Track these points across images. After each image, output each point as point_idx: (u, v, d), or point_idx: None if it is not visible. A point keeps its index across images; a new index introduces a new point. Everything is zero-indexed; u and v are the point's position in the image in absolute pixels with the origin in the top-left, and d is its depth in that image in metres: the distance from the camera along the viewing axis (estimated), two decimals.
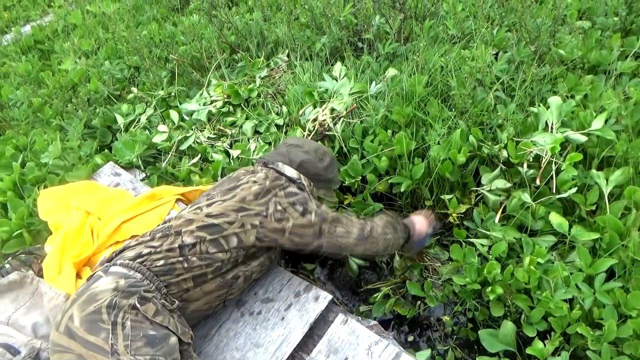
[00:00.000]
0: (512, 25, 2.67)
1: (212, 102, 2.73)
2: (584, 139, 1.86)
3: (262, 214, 1.54)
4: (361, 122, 2.30)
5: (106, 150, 2.62)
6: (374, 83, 2.44)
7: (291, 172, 1.74)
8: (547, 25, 2.50)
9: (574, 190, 1.77)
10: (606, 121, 1.94)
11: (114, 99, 3.09)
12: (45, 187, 2.30)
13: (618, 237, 1.62)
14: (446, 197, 2.02)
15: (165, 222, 1.62)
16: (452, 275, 1.80)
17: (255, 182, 1.63)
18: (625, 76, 2.28)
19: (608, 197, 1.75)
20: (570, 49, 2.39)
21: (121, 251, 1.51)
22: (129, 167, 2.49)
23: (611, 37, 2.47)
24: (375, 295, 1.94)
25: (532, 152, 1.88)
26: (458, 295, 1.83)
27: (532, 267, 1.60)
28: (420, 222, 1.86)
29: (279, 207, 1.56)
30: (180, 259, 1.45)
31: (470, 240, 1.89)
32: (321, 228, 1.58)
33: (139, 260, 1.43)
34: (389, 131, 2.19)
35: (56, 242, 1.89)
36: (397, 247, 1.78)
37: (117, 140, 2.70)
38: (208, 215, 1.54)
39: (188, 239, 1.48)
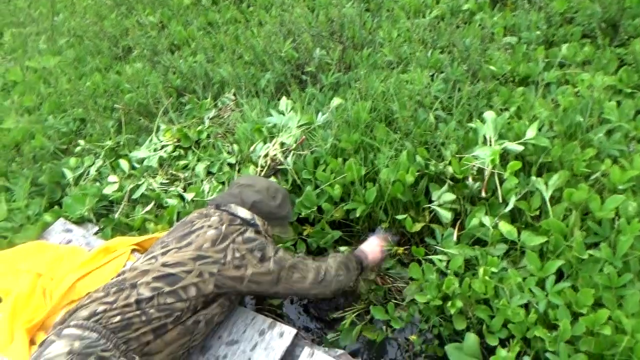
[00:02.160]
0: (444, 47, 2.80)
1: (162, 147, 2.71)
2: (520, 148, 1.95)
3: (220, 262, 1.53)
4: (311, 153, 2.34)
5: (56, 207, 2.54)
6: (320, 114, 2.50)
7: (244, 213, 1.74)
8: (477, 44, 2.65)
9: (518, 197, 1.86)
10: (540, 129, 2.06)
11: (60, 154, 3.02)
12: None
13: (563, 239, 1.70)
14: (401, 217, 2.07)
15: (119, 275, 1.58)
16: (415, 295, 1.83)
17: (210, 226, 1.62)
18: (553, 85, 2.43)
19: (550, 200, 1.84)
20: (500, 65, 2.54)
21: (74, 311, 1.46)
22: (80, 222, 2.43)
23: (536, 49, 2.64)
24: (342, 322, 1.94)
25: (474, 165, 1.97)
26: (422, 313, 1.86)
27: (487, 278, 1.66)
28: (372, 252, 1.93)
29: (237, 254, 1.55)
30: (138, 312, 1.42)
31: (429, 257, 1.93)
32: (279, 275, 1.60)
33: (94, 319, 1.38)
34: (340, 159, 2.23)
35: (6, 308, 1.81)
36: (350, 284, 1.83)
37: (66, 195, 2.63)
38: (164, 265, 1.51)
39: (144, 292, 1.45)
